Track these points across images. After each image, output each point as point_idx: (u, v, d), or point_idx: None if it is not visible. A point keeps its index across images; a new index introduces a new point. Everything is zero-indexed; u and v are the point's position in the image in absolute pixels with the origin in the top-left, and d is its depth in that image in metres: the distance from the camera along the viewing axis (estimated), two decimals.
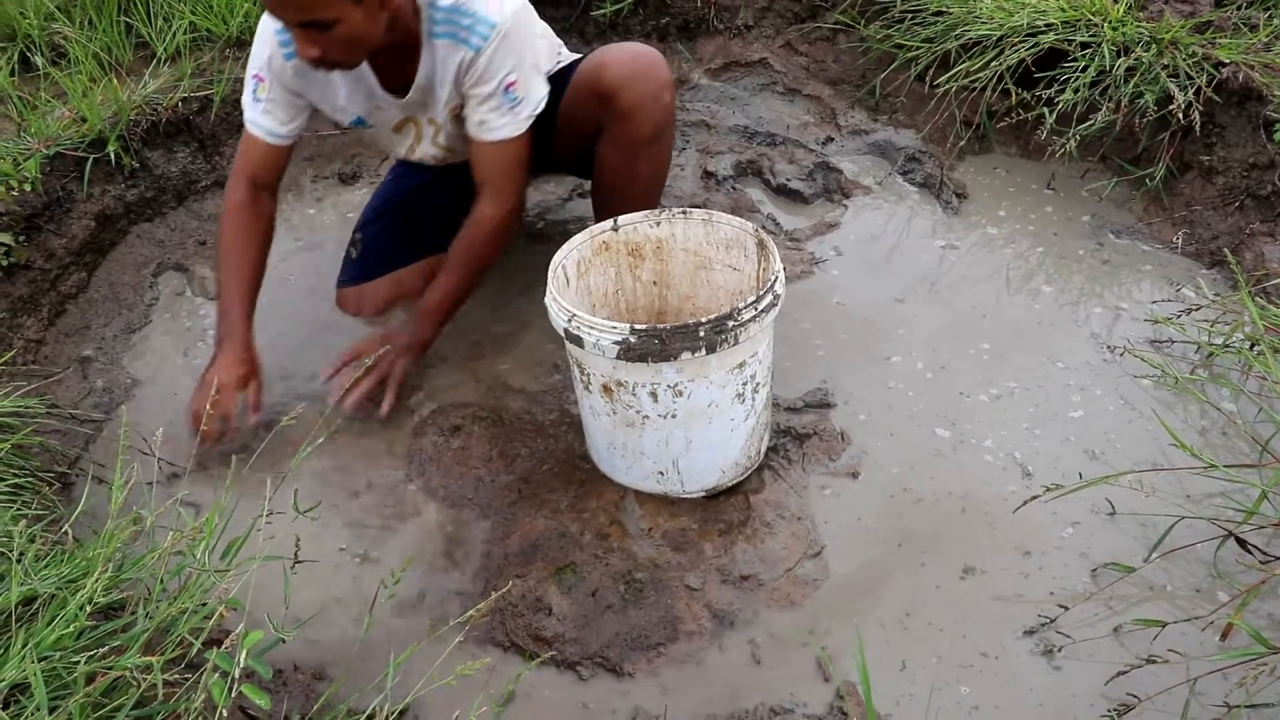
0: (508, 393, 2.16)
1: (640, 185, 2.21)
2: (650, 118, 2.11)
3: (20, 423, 1.97)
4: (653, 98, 2.09)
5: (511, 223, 2.13)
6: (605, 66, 2.10)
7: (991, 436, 1.97)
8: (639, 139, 2.14)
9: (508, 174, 2.08)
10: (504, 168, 2.07)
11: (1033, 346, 2.15)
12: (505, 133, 2.02)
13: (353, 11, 1.77)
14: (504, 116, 2.01)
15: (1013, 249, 2.44)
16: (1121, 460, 1.89)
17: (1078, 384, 2.06)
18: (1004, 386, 2.07)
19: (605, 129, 2.16)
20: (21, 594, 1.34)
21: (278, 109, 2.07)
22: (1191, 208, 2.42)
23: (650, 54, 2.13)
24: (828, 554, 1.79)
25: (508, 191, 2.09)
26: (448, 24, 1.93)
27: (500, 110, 2.00)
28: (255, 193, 2.13)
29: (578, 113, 2.18)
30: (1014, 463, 1.91)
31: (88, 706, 1.22)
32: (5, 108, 2.81)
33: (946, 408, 2.04)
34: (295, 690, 1.62)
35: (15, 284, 2.36)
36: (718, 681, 1.62)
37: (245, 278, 2.11)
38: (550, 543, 1.81)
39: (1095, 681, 1.54)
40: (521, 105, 2.01)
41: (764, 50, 3.19)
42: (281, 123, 2.08)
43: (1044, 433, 1.96)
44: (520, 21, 1.97)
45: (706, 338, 1.62)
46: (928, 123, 2.82)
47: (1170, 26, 2.46)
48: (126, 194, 2.68)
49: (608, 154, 2.20)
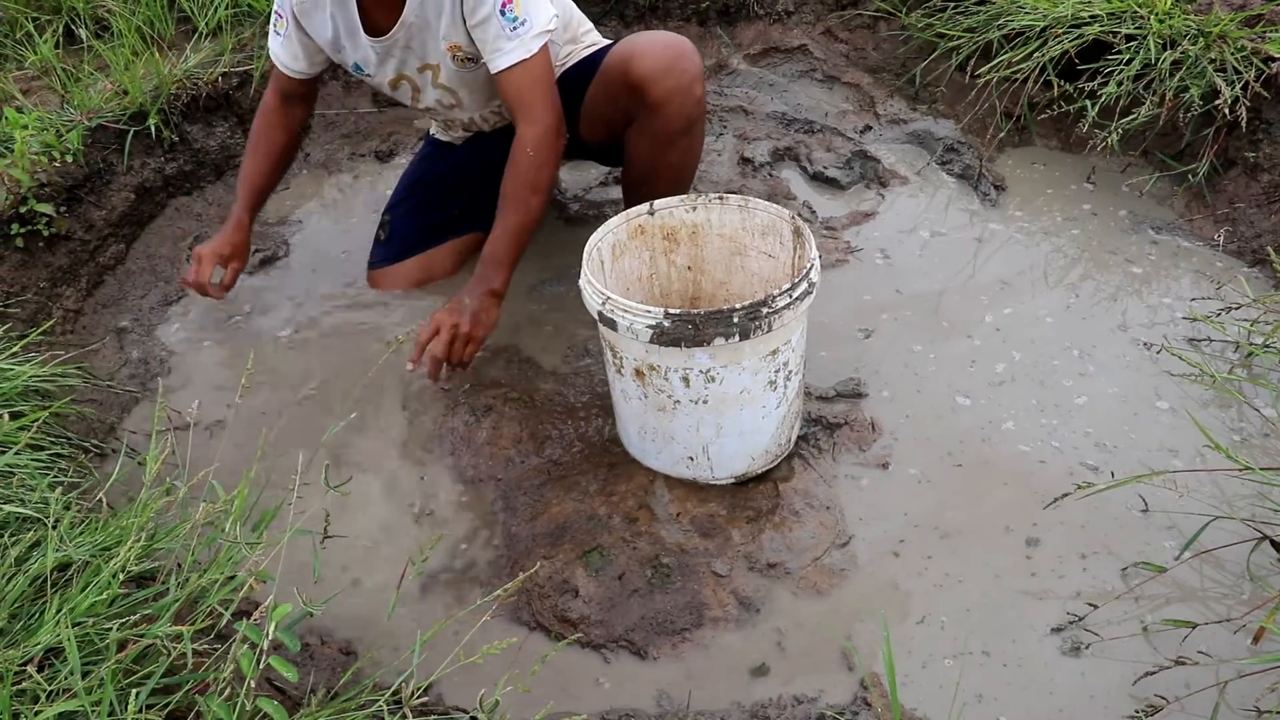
0: (539, 374, 2.16)
1: (671, 175, 2.20)
2: (682, 110, 2.10)
3: (59, 390, 1.99)
4: (684, 90, 2.08)
5: (552, 139, 2.03)
6: (635, 58, 2.08)
7: (1025, 431, 1.95)
8: (670, 131, 2.13)
9: (532, 95, 2.01)
10: (527, 90, 2.00)
11: (1069, 341, 2.13)
12: (514, 57, 1.97)
13: None
14: (509, 41, 1.96)
15: (1051, 243, 2.41)
16: (1156, 459, 1.87)
17: (1114, 381, 2.03)
18: (1038, 382, 2.05)
19: (636, 120, 2.15)
20: (57, 560, 1.36)
21: (291, 44, 2.18)
22: (1234, 205, 2.38)
23: (681, 44, 2.10)
24: (856, 544, 1.78)
25: (538, 109, 2.01)
26: None
27: (503, 34, 1.96)
28: (286, 100, 2.29)
29: (607, 102, 2.17)
30: (1047, 458, 1.89)
31: (119, 673, 1.23)
32: (49, 80, 2.84)
33: (979, 401, 2.02)
34: (322, 664, 1.63)
35: (55, 254, 2.38)
36: (742, 668, 1.62)
37: (260, 171, 2.29)
38: (578, 525, 1.81)
39: (1123, 681, 1.53)
40: (524, 26, 1.96)
41: (804, 36, 3.17)
42: (295, 58, 2.20)
43: (1078, 429, 1.94)
44: None
45: (740, 324, 1.62)
46: (967, 113, 2.79)
47: (1219, 20, 2.42)
48: (166, 167, 2.71)
49: (638, 144, 2.19)
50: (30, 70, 2.93)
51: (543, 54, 1.99)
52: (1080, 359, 2.09)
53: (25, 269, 2.31)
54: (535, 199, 2.03)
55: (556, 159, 2.07)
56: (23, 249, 2.31)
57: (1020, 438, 1.94)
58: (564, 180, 2.76)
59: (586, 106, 2.18)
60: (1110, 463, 1.86)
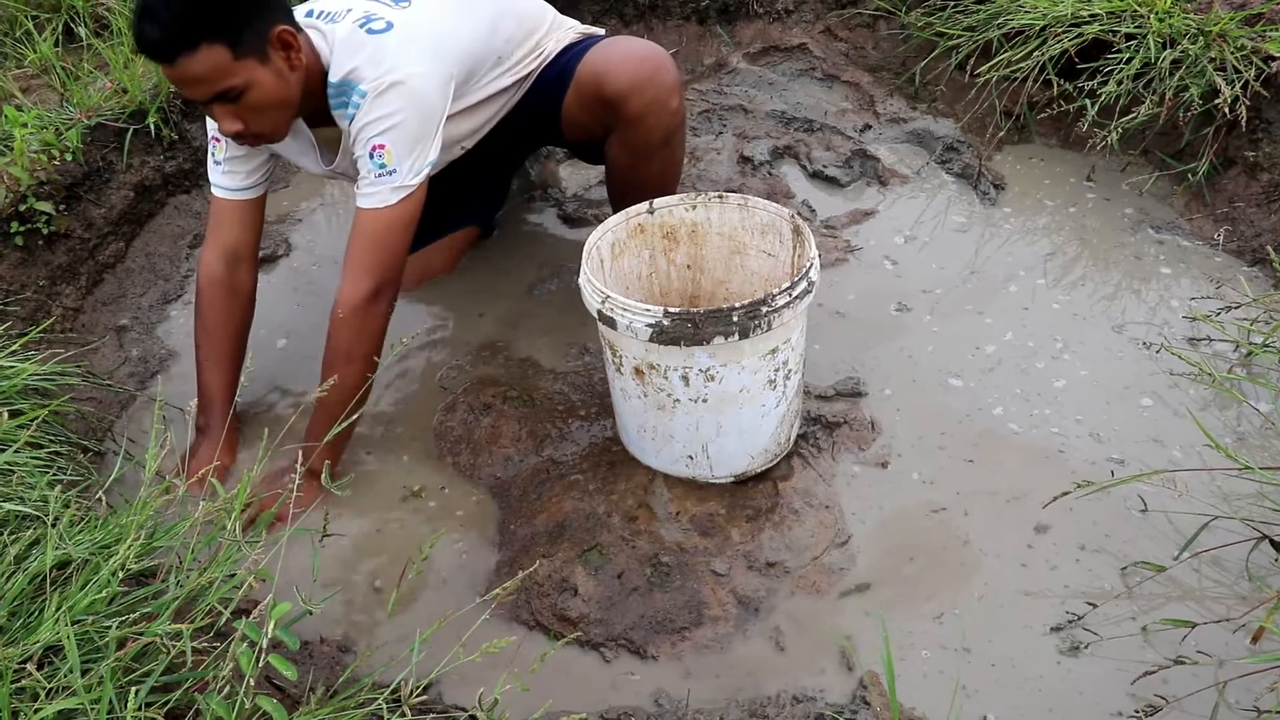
0: (539, 373, 2.17)
1: (654, 184, 2.18)
2: (659, 124, 2.08)
3: (58, 388, 1.99)
4: (660, 104, 2.05)
5: (363, 306, 1.85)
6: (609, 73, 2.04)
7: (1024, 430, 1.95)
8: (649, 144, 2.11)
9: (363, 251, 1.86)
10: (363, 243, 1.87)
11: (1068, 341, 2.13)
12: (371, 201, 1.86)
13: (260, 73, 1.73)
14: (373, 185, 1.85)
15: (1050, 241, 2.41)
16: (1154, 458, 1.87)
17: (1113, 380, 2.03)
18: (1038, 381, 2.05)
19: (614, 132, 2.13)
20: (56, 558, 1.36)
21: (238, 164, 2.01)
22: (1234, 204, 2.38)
23: (656, 56, 2.07)
24: (855, 543, 1.78)
25: (365, 270, 1.86)
26: (339, 95, 1.87)
27: (368, 176, 1.85)
28: (232, 265, 2.04)
29: (583, 113, 2.13)
30: (1046, 458, 1.89)
31: (118, 670, 1.23)
32: (49, 78, 2.84)
33: (978, 400, 2.02)
34: (321, 662, 1.63)
35: (55, 252, 2.38)
36: (741, 667, 1.62)
37: (224, 368, 2.02)
38: (577, 524, 1.81)
39: (1122, 681, 1.53)
40: (391, 175, 1.84)
41: (803, 35, 3.17)
42: (245, 175, 2.02)
43: (1077, 428, 1.94)
44: (410, 89, 1.83)
45: (740, 323, 1.62)
46: (967, 112, 2.79)
47: (1219, 19, 2.42)
48: (165, 165, 2.71)
49: (618, 156, 2.17)
50: (30, 68, 2.93)
51: (400, 210, 1.86)
52: (1080, 359, 2.09)
53: (25, 267, 2.31)
54: (349, 368, 1.83)
55: (373, 327, 1.89)
56: (22, 247, 2.31)
57: (1019, 435, 1.94)
58: (563, 179, 2.76)
59: (565, 115, 2.15)
60: (1111, 462, 1.86)
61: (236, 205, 2.04)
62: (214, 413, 2.00)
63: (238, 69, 1.70)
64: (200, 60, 1.67)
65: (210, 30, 1.66)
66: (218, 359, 2.03)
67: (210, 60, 1.67)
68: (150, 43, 1.67)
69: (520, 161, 2.65)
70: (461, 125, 2.05)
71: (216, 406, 2.00)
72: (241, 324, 2.08)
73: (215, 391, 2.01)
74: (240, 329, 2.08)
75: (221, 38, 1.67)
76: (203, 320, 2.04)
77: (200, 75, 1.69)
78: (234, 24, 1.69)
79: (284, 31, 1.76)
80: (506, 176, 2.62)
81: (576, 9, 3.02)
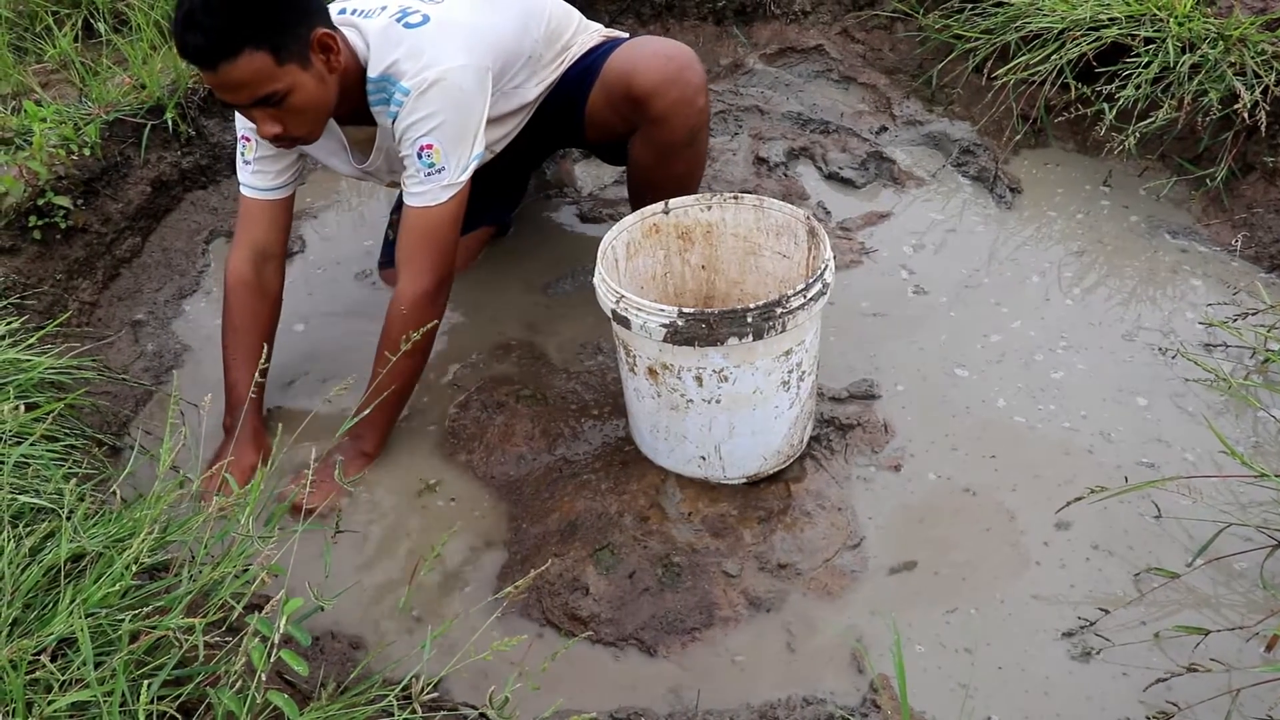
0: (552, 372, 2.17)
1: (676, 184, 2.17)
2: (685, 123, 2.08)
3: (73, 382, 2.00)
4: (687, 103, 2.06)
5: (427, 302, 1.92)
6: (637, 72, 2.05)
7: (1037, 435, 1.94)
8: (674, 143, 2.11)
9: (421, 249, 1.92)
10: (418, 242, 1.92)
11: (1083, 346, 2.12)
12: (422, 200, 1.90)
13: (301, 77, 1.75)
14: (422, 184, 1.89)
15: (1065, 246, 2.40)
16: (1169, 464, 1.86)
17: (1128, 386, 2.03)
18: (1052, 386, 2.04)
19: (639, 130, 2.13)
20: (71, 551, 1.37)
21: (267, 164, 2.02)
22: (1253, 210, 2.37)
23: (683, 55, 2.07)
24: (867, 546, 1.78)
25: (423, 267, 1.92)
26: (379, 91, 1.88)
27: (417, 176, 1.89)
28: (259, 265, 2.06)
29: (609, 111, 2.13)
30: (1060, 463, 1.89)
31: (131, 664, 1.24)
32: (68, 73, 2.85)
33: (992, 403, 2.01)
34: (332, 658, 1.64)
35: (72, 247, 2.39)
36: (751, 668, 1.61)
37: (252, 366, 1.92)
38: (589, 523, 1.81)
39: (1134, 687, 1.52)
40: (440, 173, 1.88)
41: (820, 36, 3.17)
42: (274, 175, 2.03)
43: (1091, 434, 1.93)
44: (453, 85, 1.85)
45: (754, 324, 1.62)
46: (984, 115, 2.78)
47: (1240, 23, 2.40)
48: (182, 161, 2.72)
49: (642, 154, 2.17)
50: (49, 64, 2.95)
51: (450, 206, 1.91)
52: (1095, 364, 2.08)
53: (42, 261, 2.32)
54: (406, 362, 1.86)
55: (431, 320, 1.89)
56: (40, 241, 2.32)
57: (1034, 440, 1.93)
58: (578, 178, 2.76)
59: (589, 113, 2.16)
60: (1124, 467, 1.86)
61: (266, 205, 2.05)
62: (242, 412, 1.99)
63: (280, 74, 1.72)
64: (242, 67, 1.68)
65: (252, 37, 1.67)
66: (245, 358, 2.03)
67: (253, 66, 1.69)
68: (193, 50, 1.69)
69: (539, 162, 2.65)
70: (491, 133, 2.06)
71: (245, 404, 2.00)
72: (269, 323, 2.11)
73: (243, 389, 2.01)
74: (267, 328, 2.10)
75: (264, 44, 1.68)
76: (230, 319, 2.06)
77: (243, 81, 1.70)
78: (276, 30, 1.70)
79: (324, 34, 1.77)
80: (524, 176, 2.63)
81: (593, 9, 3.02)
